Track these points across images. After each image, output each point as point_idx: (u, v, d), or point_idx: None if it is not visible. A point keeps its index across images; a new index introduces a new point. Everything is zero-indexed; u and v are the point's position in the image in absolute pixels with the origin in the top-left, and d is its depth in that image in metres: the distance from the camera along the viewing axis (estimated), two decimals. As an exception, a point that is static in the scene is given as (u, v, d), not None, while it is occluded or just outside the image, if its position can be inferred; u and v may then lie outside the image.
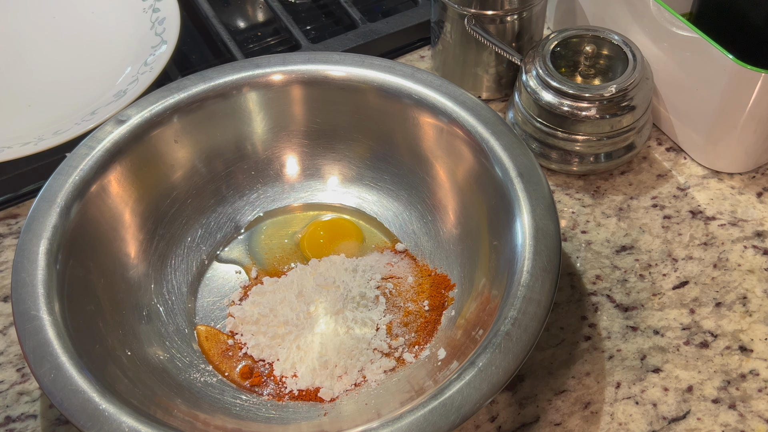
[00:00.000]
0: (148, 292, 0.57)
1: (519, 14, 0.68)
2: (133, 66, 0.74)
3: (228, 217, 0.63)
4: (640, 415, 0.54)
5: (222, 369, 0.55)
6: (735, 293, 0.59)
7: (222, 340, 0.57)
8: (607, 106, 0.63)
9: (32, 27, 0.80)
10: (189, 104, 0.60)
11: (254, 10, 0.86)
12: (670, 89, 0.66)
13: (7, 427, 0.54)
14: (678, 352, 0.56)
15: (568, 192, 0.66)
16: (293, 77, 0.61)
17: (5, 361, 0.57)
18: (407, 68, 0.61)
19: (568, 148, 0.65)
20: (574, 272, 0.61)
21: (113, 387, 0.47)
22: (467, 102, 0.58)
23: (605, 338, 0.57)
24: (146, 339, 0.55)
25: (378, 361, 0.55)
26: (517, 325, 0.48)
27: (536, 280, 0.49)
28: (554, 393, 0.55)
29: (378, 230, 0.63)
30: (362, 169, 0.64)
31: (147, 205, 0.59)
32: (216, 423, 0.50)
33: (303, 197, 0.64)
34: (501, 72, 0.72)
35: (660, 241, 0.63)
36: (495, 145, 0.56)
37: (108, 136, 0.57)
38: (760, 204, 0.65)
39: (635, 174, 0.67)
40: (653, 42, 0.66)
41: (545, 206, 0.53)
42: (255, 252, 0.61)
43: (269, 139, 0.63)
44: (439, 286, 0.58)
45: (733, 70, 0.59)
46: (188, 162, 0.61)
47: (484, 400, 0.45)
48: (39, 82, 0.75)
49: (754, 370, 0.56)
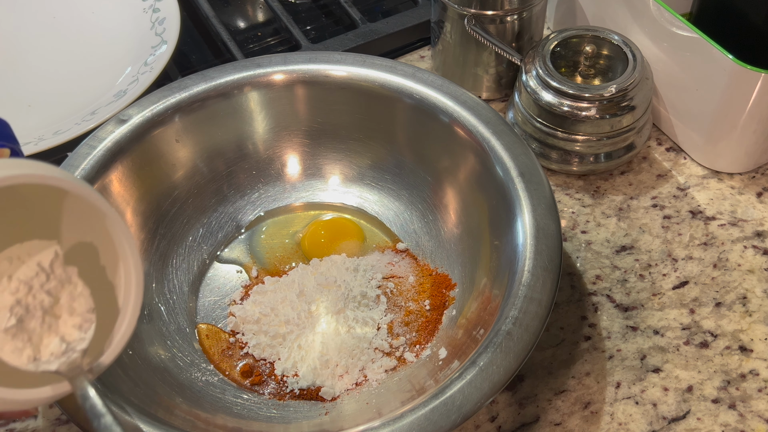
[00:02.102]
0: (150, 291, 0.57)
1: (519, 14, 0.68)
2: (133, 66, 0.74)
3: (229, 216, 0.63)
4: (640, 415, 0.54)
5: (223, 368, 0.55)
6: (735, 293, 0.60)
7: (223, 338, 0.57)
8: (607, 106, 0.63)
9: (32, 27, 0.80)
10: (190, 104, 0.60)
11: (254, 10, 0.86)
12: (670, 89, 0.67)
13: (7, 428, 0.54)
14: (678, 352, 0.57)
15: (568, 192, 0.66)
16: (294, 77, 0.61)
17: (6, 360, 0.57)
18: (408, 68, 0.61)
19: (568, 148, 0.65)
20: (574, 272, 0.61)
21: (114, 386, 0.47)
22: (468, 102, 0.58)
23: (605, 338, 0.57)
24: (147, 338, 0.55)
25: (379, 360, 0.55)
26: (518, 324, 0.48)
27: (537, 279, 0.49)
28: (554, 393, 0.55)
29: (379, 230, 0.63)
30: (363, 168, 0.64)
31: (148, 204, 0.59)
32: (217, 422, 0.50)
33: (304, 197, 0.64)
34: (501, 72, 0.72)
35: (660, 241, 0.63)
36: (496, 145, 0.56)
37: (109, 136, 0.57)
38: (760, 204, 0.65)
39: (635, 174, 0.67)
40: (653, 42, 0.66)
41: (546, 206, 0.53)
42: (256, 251, 0.61)
43: (270, 139, 0.63)
44: (440, 286, 0.58)
45: (733, 70, 0.59)
46: (189, 161, 0.61)
47: (485, 399, 0.45)
48: (39, 82, 0.75)
49: (754, 370, 0.56)
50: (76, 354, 0.39)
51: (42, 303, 0.38)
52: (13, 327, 0.37)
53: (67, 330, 0.39)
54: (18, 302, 0.37)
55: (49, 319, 0.38)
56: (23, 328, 0.38)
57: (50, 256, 0.39)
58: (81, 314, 0.39)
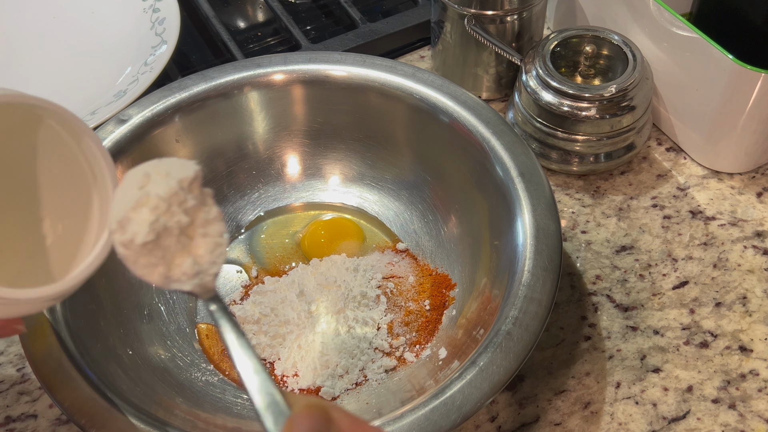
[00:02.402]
0: (150, 291, 0.57)
1: (519, 14, 0.68)
2: (133, 66, 0.74)
3: (229, 216, 0.63)
4: (640, 415, 0.54)
5: (223, 368, 0.55)
6: (735, 293, 0.60)
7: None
8: (607, 106, 0.63)
9: (32, 27, 0.80)
10: (190, 104, 0.60)
11: (254, 10, 0.86)
12: (670, 89, 0.67)
13: (7, 427, 0.54)
14: (678, 352, 0.57)
15: (568, 192, 0.66)
16: (294, 77, 0.61)
17: (5, 361, 0.57)
18: (408, 68, 0.61)
19: (568, 148, 0.65)
20: (574, 272, 0.61)
21: (114, 386, 0.47)
22: (468, 102, 0.58)
23: (605, 338, 0.57)
24: (147, 338, 0.55)
25: (379, 360, 0.55)
26: (518, 324, 0.48)
27: (537, 279, 0.49)
28: (554, 393, 0.55)
29: (379, 230, 0.63)
30: (363, 168, 0.64)
31: (148, 204, 0.59)
32: (217, 422, 0.50)
33: (304, 197, 0.64)
34: (501, 72, 0.72)
35: (660, 241, 0.63)
36: (496, 145, 0.56)
37: (109, 136, 0.57)
38: (760, 204, 0.65)
39: (635, 174, 0.67)
40: (653, 42, 0.66)
41: (546, 206, 0.53)
42: (256, 251, 0.61)
43: (270, 139, 0.63)
44: (440, 286, 0.58)
45: (733, 70, 0.59)
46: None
47: (485, 399, 0.45)
48: (39, 82, 0.75)
49: (754, 370, 0.56)
50: (209, 277, 0.39)
51: (179, 222, 0.38)
52: (150, 243, 0.37)
53: (199, 252, 0.39)
54: (157, 219, 0.37)
55: (183, 239, 0.38)
56: (159, 244, 0.38)
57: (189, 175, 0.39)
58: (214, 238, 0.39)
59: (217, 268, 0.39)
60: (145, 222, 0.37)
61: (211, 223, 0.40)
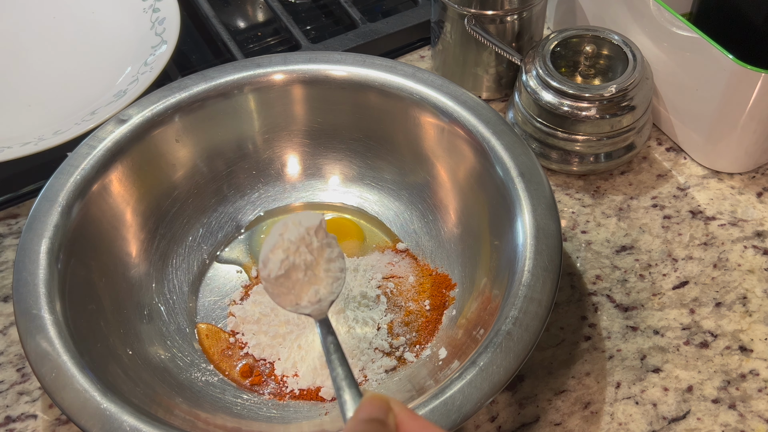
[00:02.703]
0: (150, 291, 0.57)
1: (519, 14, 0.68)
2: (133, 66, 0.74)
3: (229, 216, 0.63)
4: (640, 415, 0.54)
5: (223, 368, 0.55)
6: (735, 293, 0.60)
7: (223, 338, 0.57)
8: (607, 106, 0.63)
9: (32, 27, 0.80)
10: (190, 104, 0.60)
11: (254, 10, 0.86)
12: (670, 89, 0.67)
13: (7, 427, 0.54)
14: (678, 352, 0.57)
15: (568, 192, 0.66)
16: (294, 77, 0.61)
17: (5, 361, 0.57)
18: (408, 68, 0.61)
19: (568, 148, 0.65)
20: (574, 272, 0.61)
21: (114, 386, 0.47)
22: (468, 102, 0.58)
23: (605, 338, 0.57)
24: (147, 338, 0.55)
25: (379, 360, 0.55)
26: (518, 324, 0.48)
27: (537, 279, 0.49)
28: (554, 393, 0.55)
29: (379, 230, 0.63)
30: (363, 168, 0.64)
31: (148, 204, 0.59)
32: (217, 422, 0.50)
33: (304, 197, 0.64)
34: (501, 72, 0.72)
35: (660, 241, 0.63)
36: (496, 145, 0.56)
37: (109, 136, 0.57)
38: (760, 204, 0.65)
39: (635, 174, 0.67)
40: (653, 42, 0.66)
41: (546, 206, 0.53)
42: (256, 251, 0.61)
43: (270, 139, 0.64)
44: (440, 286, 0.58)
45: (733, 70, 0.59)
46: (189, 161, 0.61)
47: (485, 399, 0.45)
48: (39, 82, 0.75)
49: (754, 370, 0.56)
50: (326, 304, 0.48)
51: (305, 260, 0.47)
52: (282, 276, 0.47)
53: (321, 285, 0.48)
54: (287, 257, 0.47)
55: (310, 273, 0.48)
56: (289, 277, 0.47)
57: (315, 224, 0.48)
58: (334, 273, 0.49)
59: (334, 296, 0.48)
60: (278, 260, 0.47)
61: (333, 261, 0.49)
